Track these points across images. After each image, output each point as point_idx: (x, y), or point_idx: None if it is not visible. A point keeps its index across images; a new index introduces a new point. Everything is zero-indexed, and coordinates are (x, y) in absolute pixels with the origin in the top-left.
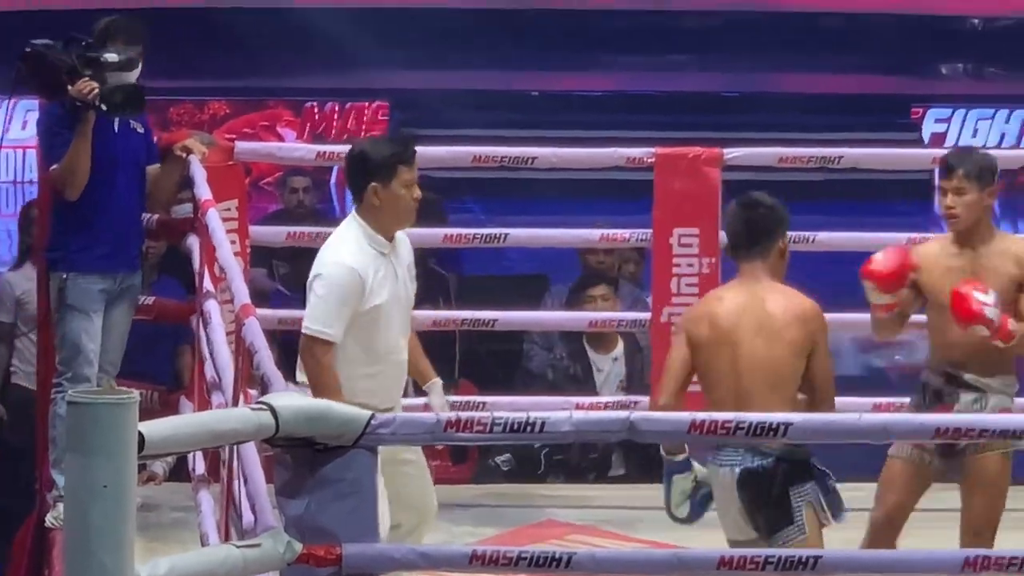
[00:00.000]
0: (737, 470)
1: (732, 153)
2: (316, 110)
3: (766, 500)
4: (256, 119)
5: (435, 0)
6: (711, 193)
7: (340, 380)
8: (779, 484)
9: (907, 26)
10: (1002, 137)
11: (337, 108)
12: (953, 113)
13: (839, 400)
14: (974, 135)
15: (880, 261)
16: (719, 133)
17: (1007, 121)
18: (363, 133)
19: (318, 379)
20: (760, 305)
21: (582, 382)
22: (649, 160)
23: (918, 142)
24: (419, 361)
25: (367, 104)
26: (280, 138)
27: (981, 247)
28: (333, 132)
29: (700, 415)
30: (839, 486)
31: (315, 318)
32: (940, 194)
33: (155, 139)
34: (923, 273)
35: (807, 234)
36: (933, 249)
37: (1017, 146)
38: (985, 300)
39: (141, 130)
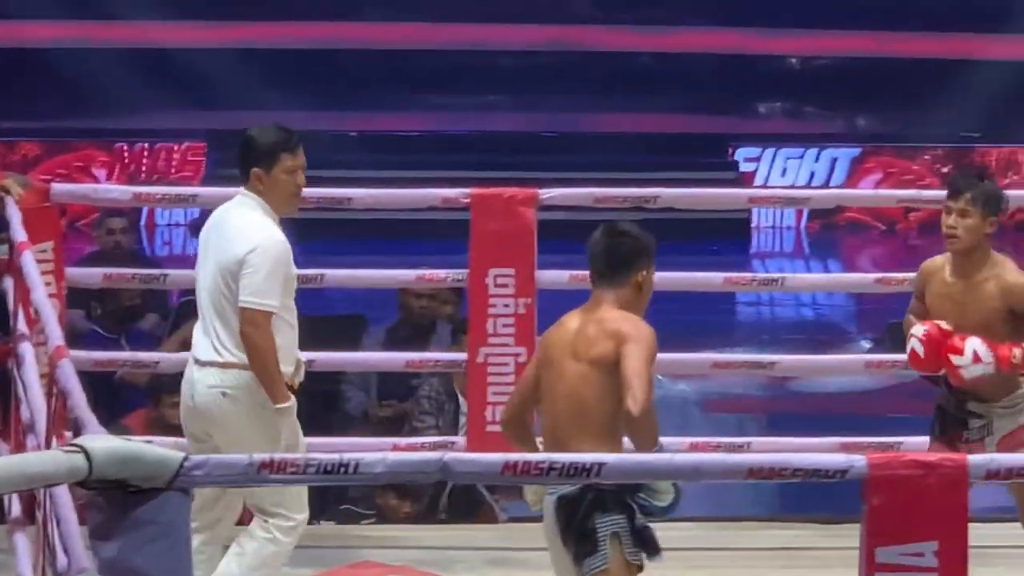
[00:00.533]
0: (555, 496)
1: (547, 193)
2: (126, 150)
3: (574, 527)
4: (70, 160)
5: (252, 40)
6: (526, 233)
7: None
8: (585, 511)
9: (724, 65)
10: (811, 176)
11: (147, 148)
12: (763, 152)
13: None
14: (783, 174)
15: (919, 362)
16: (535, 173)
17: (816, 160)
18: (173, 173)
19: (264, 350)
20: (582, 329)
21: (452, 422)
22: (464, 201)
23: (736, 182)
24: None
25: (176, 145)
26: (94, 179)
27: (975, 275)
28: (143, 172)
29: (513, 456)
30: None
31: (257, 292)
32: (944, 213)
33: None
34: (926, 291)
35: None
36: (935, 270)
37: (826, 185)
38: (962, 363)
39: None
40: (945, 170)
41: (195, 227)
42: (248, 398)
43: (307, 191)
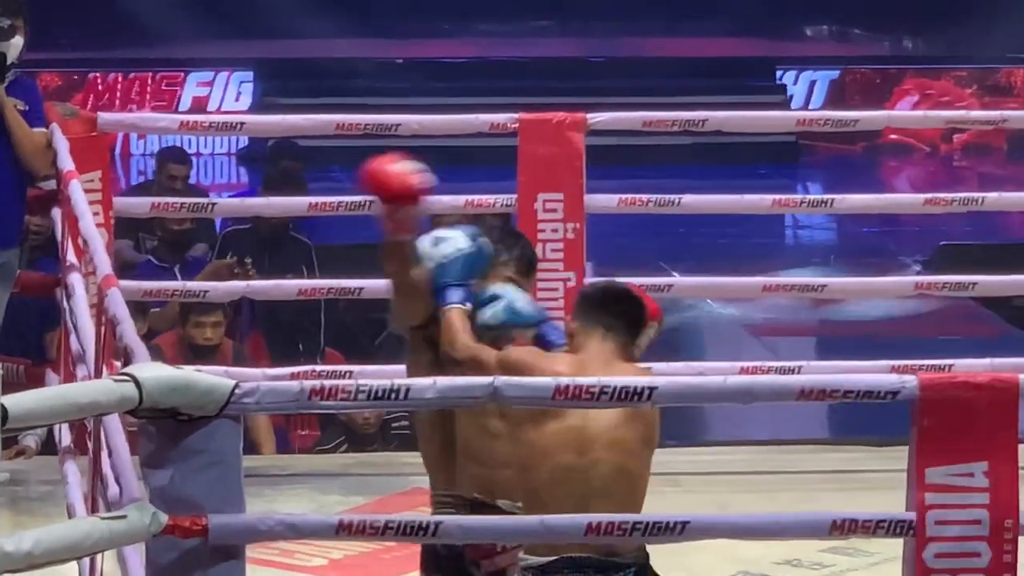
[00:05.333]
0: None
1: (596, 118)
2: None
3: None
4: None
5: None
6: (575, 158)
7: None
8: None
9: None
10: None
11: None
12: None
13: (705, 364)
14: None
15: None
16: (582, 98)
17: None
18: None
19: None
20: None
21: None
22: (513, 126)
23: (783, 104)
24: None
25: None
26: None
27: None
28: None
29: (564, 381)
30: None
31: None
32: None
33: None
34: None
35: (672, 197)
36: None
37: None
38: None
39: (23, 107)
40: (970, 91)
41: (244, 157)
42: None
43: (354, 118)
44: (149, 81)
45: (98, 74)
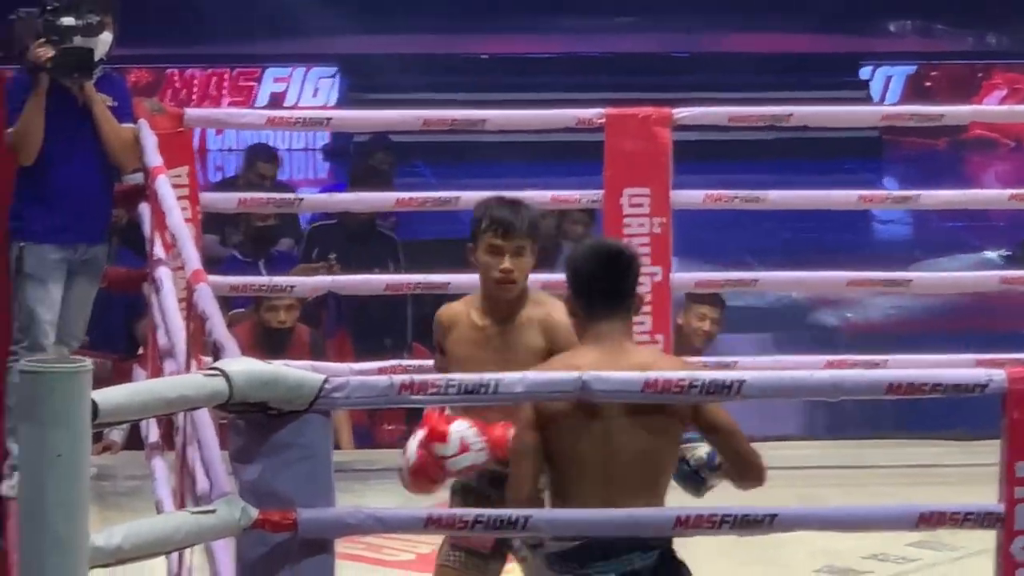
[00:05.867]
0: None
1: (682, 113)
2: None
3: None
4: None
5: None
6: (661, 153)
7: None
8: None
9: None
10: None
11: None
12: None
13: (792, 359)
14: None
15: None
16: (665, 94)
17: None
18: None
19: None
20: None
21: None
22: (599, 121)
23: (866, 100)
24: None
25: (307, 67)
26: None
27: (515, 316)
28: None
29: (653, 375)
30: None
31: None
32: (490, 253)
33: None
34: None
35: (758, 193)
36: (456, 316)
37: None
38: (446, 452)
39: (112, 103)
40: None
41: (329, 152)
42: None
43: (441, 113)
44: (226, 77)
45: (175, 70)
